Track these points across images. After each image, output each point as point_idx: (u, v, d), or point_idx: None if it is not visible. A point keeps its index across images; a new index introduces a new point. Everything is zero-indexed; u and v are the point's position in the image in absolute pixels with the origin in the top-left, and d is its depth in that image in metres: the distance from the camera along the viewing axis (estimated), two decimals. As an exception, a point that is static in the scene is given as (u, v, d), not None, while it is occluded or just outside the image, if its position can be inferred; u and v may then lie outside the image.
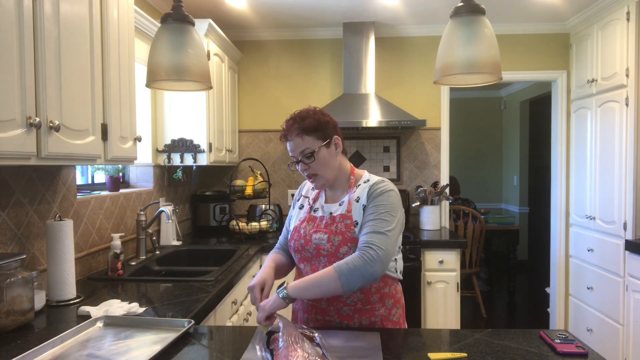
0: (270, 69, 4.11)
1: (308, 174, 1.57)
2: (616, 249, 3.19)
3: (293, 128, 1.53)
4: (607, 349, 3.25)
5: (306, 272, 1.57)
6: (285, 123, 1.57)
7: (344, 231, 1.52)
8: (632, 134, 3.04)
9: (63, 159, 1.59)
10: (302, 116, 1.55)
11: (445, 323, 3.35)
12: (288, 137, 1.55)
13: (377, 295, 1.56)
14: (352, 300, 1.53)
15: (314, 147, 1.52)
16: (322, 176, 1.56)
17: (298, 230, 1.61)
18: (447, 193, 3.94)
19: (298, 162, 1.56)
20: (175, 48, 1.69)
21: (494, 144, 7.18)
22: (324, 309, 1.55)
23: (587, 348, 1.32)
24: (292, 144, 1.54)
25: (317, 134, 1.53)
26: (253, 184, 3.69)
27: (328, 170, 1.56)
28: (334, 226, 1.54)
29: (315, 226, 1.58)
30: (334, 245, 1.52)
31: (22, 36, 1.35)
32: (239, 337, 1.51)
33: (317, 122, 1.54)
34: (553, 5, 3.50)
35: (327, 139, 1.54)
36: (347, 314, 1.53)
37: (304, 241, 1.57)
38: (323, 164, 1.54)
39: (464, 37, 1.56)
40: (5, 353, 1.33)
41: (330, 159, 1.56)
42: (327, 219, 1.57)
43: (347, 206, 1.56)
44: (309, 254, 1.57)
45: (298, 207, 1.70)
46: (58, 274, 1.81)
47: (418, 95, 4.05)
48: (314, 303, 1.56)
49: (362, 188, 1.58)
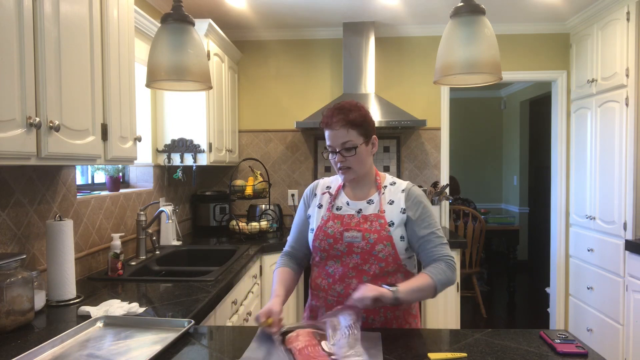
0: (270, 69, 4.11)
1: (342, 165, 1.57)
2: (616, 249, 3.19)
3: (338, 118, 1.54)
4: (607, 349, 3.25)
5: (335, 270, 1.58)
6: (327, 111, 1.58)
7: (379, 229, 1.56)
8: (632, 134, 3.04)
9: (63, 159, 1.59)
10: (347, 108, 1.56)
11: (445, 323, 3.35)
12: (332, 126, 1.54)
13: None
14: None
15: (357, 142, 1.54)
16: (355, 171, 1.58)
17: (324, 229, 1.60)
18: (447, 193, 3.94)
19: (334, 152, 1.56)
20: (175, 48, 1.69)
21: (494, 144, 7.17)
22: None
23: (587, 348, 1.32)
24: (334, 134, 1.54)
25: (361, 129, 1.55)
26: (253, 184, 3.69)
27: (362, 166, 1.59)
28: (367, 224, 1.57)
29: (345, 224, 1.58)
30: (370, 242, 1.54)
31: (22, 36, 1.35)
32: (239, 337, 1.51)
33: (363, 118, 1.56)
34: (553, 5, 3.50)
35: (368, 137, 1.58)
36: (375, 309, 1.55)
37: (333, 240, 1.58)
38: (360, 160, 1.57)
39: (464, 37, 1.56)
40: (5, 353, 1.33)
41: (367, 156, 1.59)
42: (359, 218, 1.59)
43: (379, 206, 1.60)
44: (338, 252, 1.58)
45: (316, 206, 1.68)
46: (58, 274, 1.81)
47: (418, 95, 4.05)
48: (340, 299, 1.56)
49: (392, 191, 1.63)
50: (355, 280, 1.55)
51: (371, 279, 1.54)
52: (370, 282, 1.54)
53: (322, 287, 1.62)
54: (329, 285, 1.59)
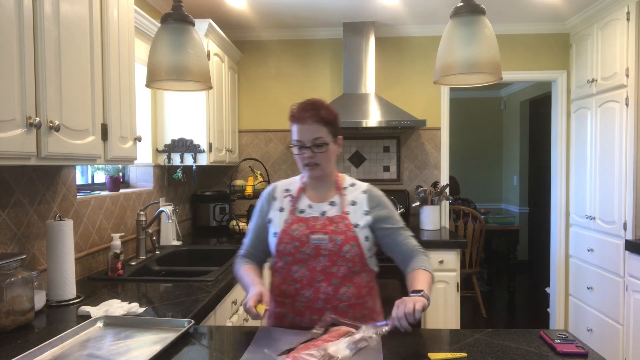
0: (270, 69, 4.11)
1: (309, 162, 1.56)
2: (616, 249, 3.19)
3: (310, 113, 1.53)
4: (607, 349, 3.25)
5: (302, 275, 1.56)
6: (298, 105, 1.58)
7: (345, 230, 1.56)
8: (632, 134, 3.04)
9: (63, 159, 1.59)
10: (319, 105, 1.56)
11: (445, 323, 3.35)
12: (303, 121, 1.54)
13: (367, 289, 1.61)
14: (347, 295, 1.56)
15: (327, 139, 1.55)
16: (322, 168, 1.58)
17: (289, 232, 1.58)
18: (447, 193, 3.94)
19: (304, 148, 1.55)
20: (175, 48, 1.69)
21: (494, 144, 7.17)
22: (320, 308, 1.54)
23: (587, 348, 1.32)
24: (306, 129, 1.53)
25: (331, 128, 1.57)
26: (253, 184, 3.69)
27: (329, 164, 1.60)
28: (333, 226, 1.57)
29: (311, 227, 1.57)
30: (337, 244, 1.54)
31: (22, 36, 1.35)
32: (239, 337, 1.51)
33: (334, 116, 1.58)
34: (553, 5, 3.50)
35: (336, 137, 1.60)
36: (343, 311, 1.54)
37: (300, 243, 1.56)
38: (328, 158, 1.58)
39: (464, 37, 1.56)
40: (5, 353, 1.33)
41: (333, 154, 1.60)
42: (324, 220, 1.58)
43: (341, 207, 1.60)
44: (305, 255, 1.56)
45: (277, 210, 1.65)
46: (58, 274, 1.81)
47: (418, 95, 4.05)
48: (309, 304, 1.55)
49: (353, 192, 1.64)
50: (324, 283, 1.54)
51: (340, 280, 1.55)
52: (339, 284, 1.54)
53: (288, 293, 1.58)
54: (297, 290, 1.56)
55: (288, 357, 1.23)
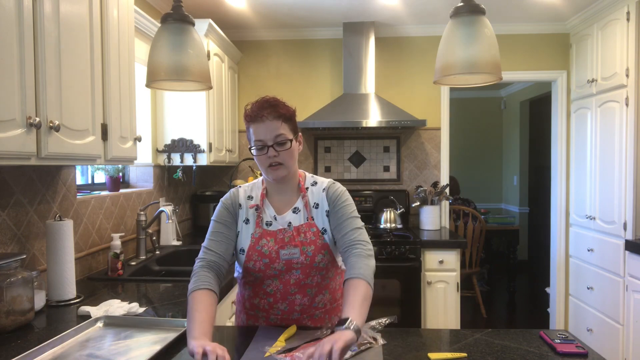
0: (270, 69, 4.11)
1: (272, 162, 1.45)
2: (616, 249, 3.19)
3: (268, 111, 1.44)
4: (607, 349, 3.25)
5: (275, 289, 1.51)
6: (253, 104, 1.48)
7: (314, 239, 1.50)
8: (632, 134, 3.04)
9: (63, 159, 1.59)
10: (275, 102, 1.48)
11: (445, 323, 3.35)
12: (262, 119, 1.43)
13: (340, 292, 1.60)
14: (323, 302, 1.54)
15: (288, 136, 1.46)
16: (287, 167, 1.47)
17: (257, 249, 1.49)
18: (447, 193, 3.94)
19: (266, 147, 1.44)
20: (175, 48, 1.69)
21: (494, 144, 7.17)
22: (296, 319, 1.53)
23: (587, 348, 1.32)
24: (266, 126, 1.43)
25: (291, 124, 1.49)
26: (253, 184, 3.68)
27: (293, 162, 1.50)
28: (301, 237, 1.49)
29: (279, 241, 1.49)
30: (309, 256, 1.48)
31: (22, 36, 1.35)
32: (239, 337, 1.51)
33: (292, 113, 1.51)
34: (553, 5, 3.50)
35: (296, 134, 1.52)
36: (319, 317, 1.54)
37: (269, 259, 1.48)
38: (292, 156, 1.48)
39: (464, 37, 1.56)
40: (5, 353, 1.33)
41: (295, 152, 1.51)
42: (292, 231, 1.50)
43: (306, 213, 1.53)
44: (276, 271, 1.49)
45: (243, 222, 1.53)
46: (58, 274, 1.81)
47: (418, 95, 4.05)
48: (284, 316, 1.53)
49: (314, 193, 1.55)
50: (299, 295, 1.51)
51: (316, 289, 1.52)
52: (315, 293, 1.51)
53: (261, 307, 1.54)
54: (270, 304, 1.52)
55: (288, 357, 1.23)
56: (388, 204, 3.80)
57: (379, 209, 3.79)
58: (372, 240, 3.35)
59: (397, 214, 3.69)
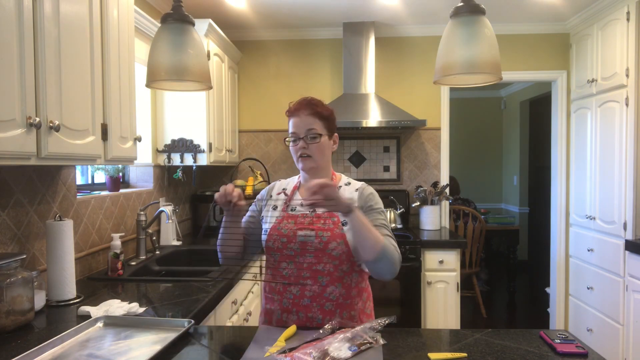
0: (270, 69, 4.11)
1: (302, 153, 1.59)
2: (616, 249, 3.19)
3: (307, 107, 1.59)
4: (607, 349, 3.25)
5: (289, 271, 1.57)
6: (295, 102, 1.63)
7: (332, 227, 1.56)
8: (632, 134, 3.04)
9: (63, 159, 1.59)
10: (318, 102, 1.63)
11: (445, 323, 3.35)
12: (299, 113, 1.59)
13: (356, 290, 1.60)
14: (335, 295, 1.55)
15: (321, 132, 1.59)
16: (314, 159, 1.60)
17: (278, 229, 1.60)
18: (447, 193, 3.94)
19: (298, 139, 1.59)
20: (175, 48, 1.69)
21: (494, 144, 7.17)
22: (306, 305, 1.55)
23: (587, 348, 1.32)
24: (301, 120, 1.58)
25: (326, 123, 1.61)
26: (253, 184, 3.69)
27: (321, 157, 1.62)
28: (320, 222, 1.58)
29: (299, 223, 1.59)
30: (323, 240, 1.54)
31: (22, 36, 1.35)
32: (239, 337, 1.51)
33: (329, 113, 1.64)
34: (553, 5, 3.50)
35: (331, 132, 1.64)
36: (330, 310, 1.55)
37: (287, 239, 1.57)
38: (321, 150, 1.60)
39: (464, 37, 1.56)
40: (5, 353, 1.33)
41: (327, 149, 1.63)
42: (312, 216, 1.59)
43: None
44: (292, 251, 1.57)
45: (271, 208, 1.68)
46: (58, 274, 1.81)
47: (418, 95, 4.05)
48: (295, 301, 1.56)
49: (347, 190, 1.65)
50: (310, 281, 1.55)
51: (328, 278, 1.54)
52: (327, 283, 1.54)
53: (276, 289, 1.60)
54: (285, 287, 1.58)
55: (287, 357, 1.23)
56: (388, 204, 3.80)
57: (379, 209, 3.78)
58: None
59: (397, 214, 3.69)
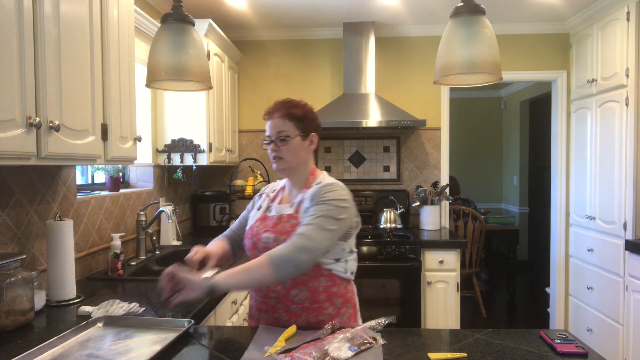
0: (270, 69, 4.11)
1: (275, 155, 1.59)
2: (616, 249, 3.19)
3: (280, 110, 1.59)
4: (607, 349, 3.25)
5: None
6: (274, 103, 1.63)
7: (289, 230, 1.52)
8: (632, 134, 3.04)
9: (63, 159, 1.59)
10: (293, 104, 1.62)
11: (445, 323, 3.35)
12: (271, 116, 1.60)
13: (325, 295, 1.56)
14: (300, 298, 1.54)
15: (291, 133, 1.58)
16: (286, 161, 1.59)
17: (252, 228, 1.64)
18: (447, 193, 3.94)
19: (270, 142, 1.59)
20: (175, 48, 1.69)
21: (494, 144, 7.17)
22: (273, 306, 1.55)
23: (587, 348, 1.32)
24: (273, 123, 1.59)
25: (299, 123, 1.60)
26: (253, 184, 3.69)
27: (294, 158, 1.60)
28: (280, 226, 1.56)
29: (265, 225, 1.60)
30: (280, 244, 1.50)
31: (22, 36, 1.35)
32: (239, 337, 1.51)
33: (304, 114, 1.62)
34: (553, 5, 3.50)
35: (306, 133, 1.62)
36: (295, 312, 1.54)
37: (256, 239, 1.59)
38: (292, 151, 1.59)
39: (464, 37, 1.56)
40: (5, 353, 1.33)
41: (301, 150, 1.61)
42: (275, 219, 1.60)
43: (296, 207, 1.59)
44: (259, 252, 1.55)
45: (256, 208, 1.71)
46: (58, 274, 1.81)
47: (418, 95, 4.05)
48: (264, 300, 1.56)
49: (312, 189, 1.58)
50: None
51: (290, 281, 1.52)
52: (290, 285, 1.52)
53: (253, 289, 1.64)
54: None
55: (287, 357, 1.23)
56: (388, 204, 3.80)
57: (379, 209, 3.79)
58: (372, 240, 3.37)
59: (397, 214, 3.70)
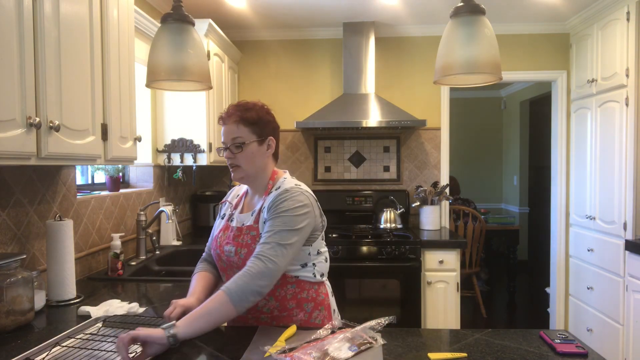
0: (270, 69, 4.11)
1: (231, 163, 1.54)
2: (616, 249, 3.19)
3: (233, 115, 1.52)
4: (607, 349, 3.25)
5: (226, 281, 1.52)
6: (228, 107, 1.57)
7: (249, 243, 1.49)
8: (632, 134, 3.04)
9: (63, 159, 1.59)
10: (247, 107, 1.54)
11: (445, 323, 3.35)
12: (225, 122, 1.53)
13: (294, 302, 1.54)
14: (269, 308, 1.53)
15: (246, 139, 1.51)
16: (243, 169, 1.53)
17: (216, 239, 1.59)
18: (447, 193, 3.94)
19: (226, 149, 1.54)
20: (175, 48, 1.69)
21: (494, 144, 7.17)
22: (243, 317, 1.54)
23: (587, 348, 1.32)
24: (227, 129, 1.52)
25: (254, 128, 1.52)
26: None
27: (251, 166, 1.53)
28: (240, 238, 1.51)
29: (227, 237, 1.55)
30: (241, 258, 1.48)
31: (22, 36, 1.35)
32: (238, 337, 1.51)
33: (259, 117, 1.54)
34: (553, 5, 3.50)
35: (262, 137, 1.54)
36: (265, 321, 1.53)
37: (219, 252, 1.55)
38: (249, 158, 1.52)
39: (464, 37, 1.56)
40: (5, 353, 1.33)
41: (257, 156, 1.54)
42: (236, 230, 1.54)
43: (256, 216, 1.52)
44: (224, 264, 1.54)
45: (220, 217, 1.67)
46: (58, 274, 1.81)
47: (418, 95, 4.05)
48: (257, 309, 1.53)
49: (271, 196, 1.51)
50: None
51: None
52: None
53: None
54: None
55: (287, 357, 1.23)
56: (388, 204, 3.80)
57: (379, 209, 3.79)
58: (372, 240, 3.37)
59: (397, 214, 3.69)
